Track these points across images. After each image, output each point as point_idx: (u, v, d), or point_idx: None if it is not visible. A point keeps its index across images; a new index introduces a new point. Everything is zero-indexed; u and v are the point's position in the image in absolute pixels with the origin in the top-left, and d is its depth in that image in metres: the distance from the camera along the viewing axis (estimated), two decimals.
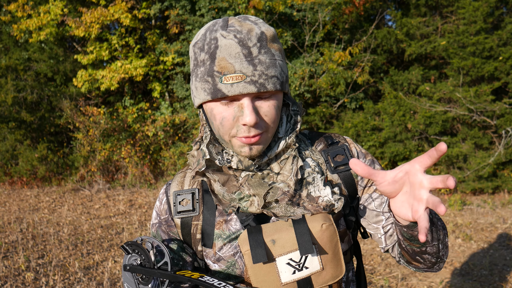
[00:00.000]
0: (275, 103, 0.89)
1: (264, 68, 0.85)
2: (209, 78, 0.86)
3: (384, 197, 1.00)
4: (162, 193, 1.04)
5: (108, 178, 8.41)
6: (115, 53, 8.74)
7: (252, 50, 0.85)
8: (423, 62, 7.92)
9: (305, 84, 7.61)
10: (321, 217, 0.88)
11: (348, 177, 0.99)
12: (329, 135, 1.05)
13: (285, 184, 0.91)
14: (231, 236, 0.94)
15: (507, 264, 3.95)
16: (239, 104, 0.86)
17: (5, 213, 6.05)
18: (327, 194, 0.91)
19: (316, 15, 7.62)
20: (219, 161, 0.93)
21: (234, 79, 0.83)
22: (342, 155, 0.99)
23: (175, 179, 1.04)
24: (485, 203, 6.16)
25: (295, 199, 0.91)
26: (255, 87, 0.84)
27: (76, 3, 8.94)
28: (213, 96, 0.86)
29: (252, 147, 0.89)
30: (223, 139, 0.91)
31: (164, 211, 1.02)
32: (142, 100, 9.29)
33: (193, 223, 0.98)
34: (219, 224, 0.96)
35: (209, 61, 0.86)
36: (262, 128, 0.88)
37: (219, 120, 0.88)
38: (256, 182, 0.91)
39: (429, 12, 7.74)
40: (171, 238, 1.01)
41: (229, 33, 0.85)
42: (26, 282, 3.60)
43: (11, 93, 8.42)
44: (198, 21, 7.74)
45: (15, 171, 8.35)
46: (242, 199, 0.92)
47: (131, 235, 5.00)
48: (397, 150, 7.01)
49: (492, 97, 6.49)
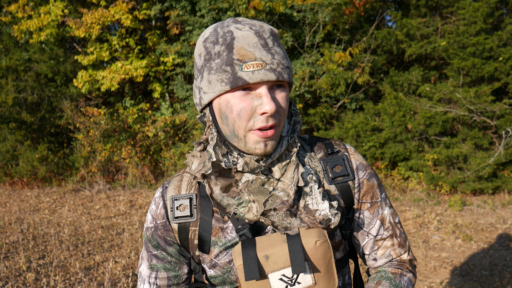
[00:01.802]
0: (287, 95, 0.90)
1: (280, 58, 0.86)
2: (227, 68, 0.85)
3: (375, 218, 0.99)
4: (158, 197, 1.02)
5: (109, 179, 8.41)
6: (115, 54, 8.75)
7: (267, 41, 0.86)
8: (423, 62, 7.93)
9: (305, 85, 7.62)
10: (316, 233, 0.87)
11: (345, 188, 0.98)
12: (330, 142, 1.03)
13: (285, 193, 0.90)
14: (226, 244, 0.94)
15: (507, 265, 3.95)
16: (257, 93, 0.85)
17: (6, 214, 6.06)
18: (324, 208, 0.90)
19: (316, 15, 7.63)
20: (225, 163, 0.91)
21: (255, 66, 0.83)
22: (341, 165, 0.98)
23: (172, 183, 1.02)
24: (485, 204, 6.16)
25: (293, 209, 0.90)
26: (275, 75, 0.84)
27: (76, 3, 8.95)
28: (233, 85, 0.84)
29: (267, 143, 0.87)
30: (237, 135, 0.88)
31: (160, 215, 1.00)
32: (143, 100, 9.30)
33: (190, 228, 0.97)
34: (215, 231, 0.95)
35: (226, 51, 0.85)
36: (277, 120, 0.87)
37: (236, 111, 0.86)
38: (256, 188, 0.90)
39: (429, 13, 7.75)
40: (167, 243, 1.00)
41: (244, 25, 0.87)
42: (27, 283, 3.60)
43: (11, 94, 8.43)
44: (199, 22, 7.75)
45: (15, 172, 8.35)
46: (241, 204, 0.90)
47: (131, 235, 5.01)
48: (397, 151, 7.01)
49: (492, 98, 6.50)
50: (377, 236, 1.00)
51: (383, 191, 1.03)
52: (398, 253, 1.01)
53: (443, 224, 5.29)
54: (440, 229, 5.11)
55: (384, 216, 1.00)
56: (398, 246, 1.01)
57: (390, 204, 1.04)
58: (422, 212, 5.81)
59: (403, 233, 1.03)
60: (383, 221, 1.00)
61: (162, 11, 8.83)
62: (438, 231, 5.04)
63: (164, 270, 1.02)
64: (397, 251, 1.01)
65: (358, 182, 0.98)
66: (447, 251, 4.40)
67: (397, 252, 1.01)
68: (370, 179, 1.00)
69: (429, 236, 4.86)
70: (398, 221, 1.03)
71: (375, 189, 1.00)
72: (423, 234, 4.93)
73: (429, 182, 6.74)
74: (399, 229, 1.02)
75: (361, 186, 0.99)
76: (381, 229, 1.00)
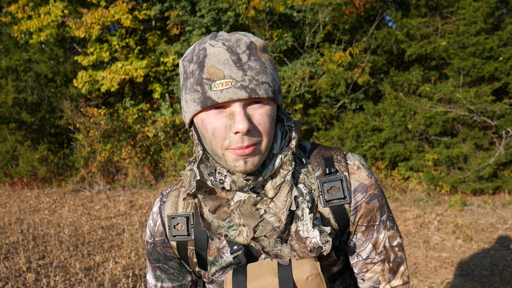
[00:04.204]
0: (268, 112, 0.85)
1: (254, 73, 0.82)
2: (198, 87, 0.83)
3: (368, 241, 0.96)
4: (156, 213, 1.02)
5: (109, 179, 8.41)
6: (115, 54, 8.75)
7: (241, 57, 0.83)
8: (423, 62, 7.92)
9: (306, 85, 7.61)
10: (308, 266, 0.86)
11: (340, 211, 0.93)
12: (331, 157, 0.97)
13: (276, 217, 0.87)
14: (222, 264, 0.94)
15: (507, 265, 3.95)
16: (230, 112, 0.82)
17: (6, 214, 6.05)
18: (315, 236, 0.87)
19: (316, 15, 7.63)
20: (211, 182, 0.89)
21: (223, 85, 0.81)
22: (338, 187, 0.92)
23: (170, 198, 1.01)
24: (485, 204, 6.15)
25: (284, 235, 0.88)
26: (246, 92, 0.81)
27: (76, 4, 8.95)
28: (203, 105, 0.82)
29: (247, 160, 0.84)
30: (216, 154, 0.86)
31: (159, 232, 1.01)
32: (143, 101, 9.30)
33: (189, 247, 0.98)
34: (212, 250, 0.95)
35: (198, 70, 0.84)
36: (256, 138, 0.83)
37: (210, 131, 0.84)
38: (248, 210, 0.87)
39: (429, 13, 7.75)
40: (167, 258, 1.01)
41: (218, 41, 0.84)
42: (27, 283, 3.60)
43: (11, 94, 8.43)
44: (198, 22, 7.74)
45: (15, 172, 8.35)
46: (231, 227, 0.89)
47: (131, 236, 5.00)
48: (398, 151, 7.01)
49: (492, 98, 6.49)
50: (367, 259, 0.97)
51: (384, 212, 0.97)
52: (387, 279, 0.97)
53: (444, 224, 5.29)
54: (441, 229, 5.10)
55: (378, 240, 0.96)
56: (388, 271, 0.97)
57: (391, 225, 0.98)
58: (422, 212, 5.80)
59: (399, 257, 0.97)
60: (375, 245, 0.96)
61: (162, 11, 8.82)
62: (439, 231, 5.04)
63: (169, 281, 1.04)
64: (386, 277, 0.97)
65: (355, 205, 0.94)
66: (447, 251, 4.39)
67: (386, 278, 0.97)
68: (371, 202, 0.95)
69: (429, 236, 4.86)
70: (396, 244, 0.97)
71: (374, 212, 0.95)
72: (424, 234, 4.93)
73: (429, 182, 6.74)
74: (395, 253, 0.97)
75: (358, 209, 0.94)
76: (373, 253, 0.96)
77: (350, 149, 7.24)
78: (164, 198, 1.02)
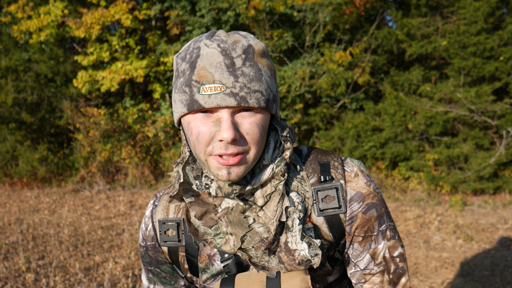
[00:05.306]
0: (259, 121, 0.81)
1: (247, 80, 0.78)
2: (186, 89, 0.79)
3: (365, 252, 0.92)
4: (148, 217, 1.00)
5: (109, 179, 8.40)
6: (115, 54, 8.74)
7: (235, 61, 0.78)
8: (424, 62, 7.92)
9: (306, 85, 7.61)
10: (298, 279, 0.83)
11: (335, 221, 0.89)
12: (328, 163, 0.92)
13: (265, 228, 0.84)
14: (213, 272, 0.93)
15: (508, 265, 3.94)
16: (218, 118, 0.78)
17: (5, 214, 6.05)
18: (303, 248, 0.84)
19: (316, 15, 7.62)
20: (197, 186, 0.86)
21: (212, 89, 0.77)
22: (333, 196, 0.88)
23: (161, 203, 0.98)
24: (486, 204, 6.14)
25: (273, 247, 0.85)
26: (235, 100, 0.77)
27: (76, 4, 8.94)
28: (189, 108, 0.79)
29: (230, 171, 0.80)
30: (200, 159, 0.83)
31: (150, 237, 0.99)
32: (143, 101, 9.29)
33: (180, 253, 0.96)
34: (203, 257, 0.93)
35: (189, 70, 0.80)
36: (242, 147, 0.79)
37: (195, 135, 0.80)
38: (236, 218, 0.84)
39: (430, 12, 7.74)
40: (159, 262, 1.00)
41: (213, 42, 0.80)
42: (26, 283, 3.59)
43: (11, 94, 8.42)
44: (199, 22, 7.74)
45: (15, 172, 8.34)
46: (218, 235, 0.86)
47: (131, 236, 5.00)
48: (398, 151, 7.00)
49: (493, 98, 6.49)
50: (365, 270, 0.93)
51: (384, 222, 0.92)
52: None
53: (444, 224, 5.28)
54: (441, 229, 5.09)
55: (377, 251, 0.92)
56: (388, 283, 0.92)
57: (392, 235, 0.93)
58: (422, 212, 5.79)
59: (400, 268, 0.93)
60: (374, 256, 0.92)
61: (162, 11, 8.82)
62: (439, 231, 5.03)
63: (161, 284, 1.03)
64: None
65: (350, 215, 0.89)
66: (448, 251, 4.39)
67: None
68: (368, 212, 0.90)
69: (430, 236, 4.85)
70: (398, 254, 0.93)
71: (372, 222, 0.90)
72: (424, 234, 4.92)
73: (429, 182, 6.73)
74: (396, 264, 0.92)
75: (354, 219, 0.89)
76: (371, 263, 0.92)
77: (350, 149, 7.24)
78: (156, 202, 1.00)
